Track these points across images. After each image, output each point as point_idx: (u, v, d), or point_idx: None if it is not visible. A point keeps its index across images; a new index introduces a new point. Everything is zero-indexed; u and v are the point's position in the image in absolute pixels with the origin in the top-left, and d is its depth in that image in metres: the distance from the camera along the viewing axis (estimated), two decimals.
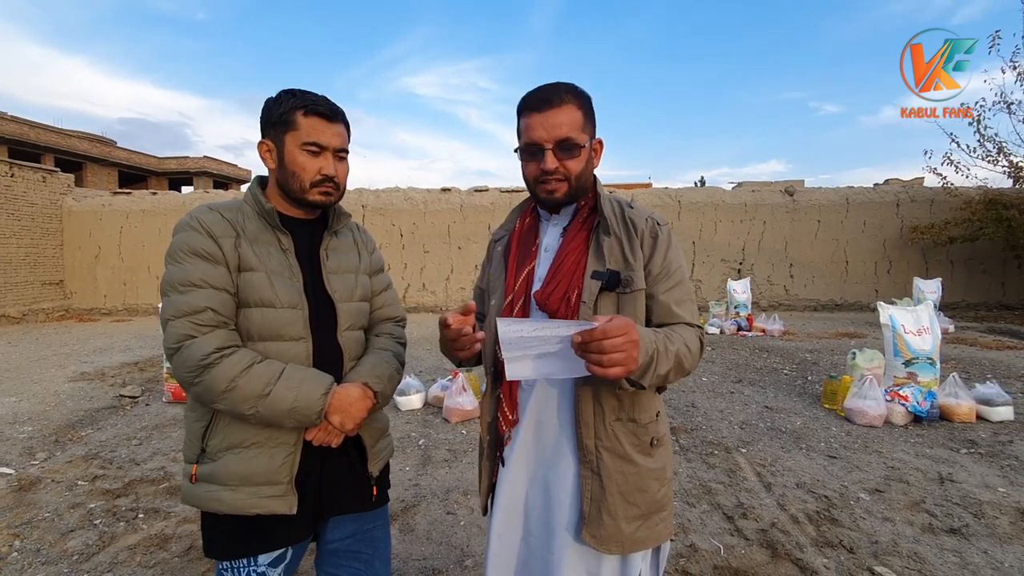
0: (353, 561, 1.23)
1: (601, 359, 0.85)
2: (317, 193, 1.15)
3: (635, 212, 1.14)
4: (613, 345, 0.84)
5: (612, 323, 0.85)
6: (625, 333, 0.86)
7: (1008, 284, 10.98)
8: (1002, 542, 2.36)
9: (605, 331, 0.84)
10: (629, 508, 1.06)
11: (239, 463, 1.08)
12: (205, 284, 1.07)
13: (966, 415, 3.96)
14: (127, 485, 3.00)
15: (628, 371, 0.88)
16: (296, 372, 1.09)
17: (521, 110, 1.11)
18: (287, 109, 1.12)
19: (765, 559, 2.24)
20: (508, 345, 0.89)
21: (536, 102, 1.08)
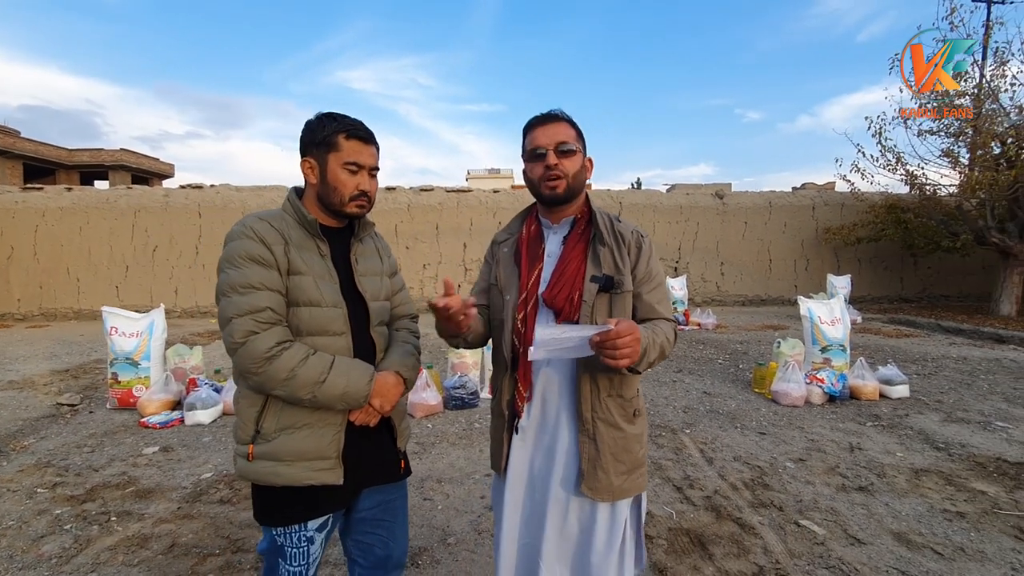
0: (377, 528, 1.40)
1: (614, 354, 1.09)
2: (354, 206, 1.31)
3: (622, 225, 1.38)
4: (623, 343, 1.09)
5: (621, 326, 1.09)
6: (631, 333, 1.11)
7: (906, 279, 12.32)
8: (899, 495, 2.82)
9: (619, 332, 1.08)
10: (618, 465, 1.30)
11: (293, 442, 1.23)
12: (263, 286, 1.21)
13: (871, 394, 4.55)
14: (90, 491, 2.95)
15: (632, 362, 1.12)
16: (344, 362, 1.25)
17: (527, 129, 1.36)
18: (331, 132, 1.27)
19: (711, 520, 2.57)
20: (541, 343, 1.11)
21: (539, 119, 1.34)
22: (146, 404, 4.28)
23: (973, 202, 9.68)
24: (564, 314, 1.29)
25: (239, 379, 1.28)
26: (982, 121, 9.01)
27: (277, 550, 1.27)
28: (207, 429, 4.00)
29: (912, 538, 2.40)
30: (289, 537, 1.26)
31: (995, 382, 5.12)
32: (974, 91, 9.36)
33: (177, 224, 11.03)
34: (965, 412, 4.20)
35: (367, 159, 1.30)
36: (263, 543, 1.32)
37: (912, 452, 3.43)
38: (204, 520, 2.62)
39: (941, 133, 9.90)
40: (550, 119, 1.33)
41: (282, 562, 1.27)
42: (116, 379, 4.52)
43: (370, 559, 1.42)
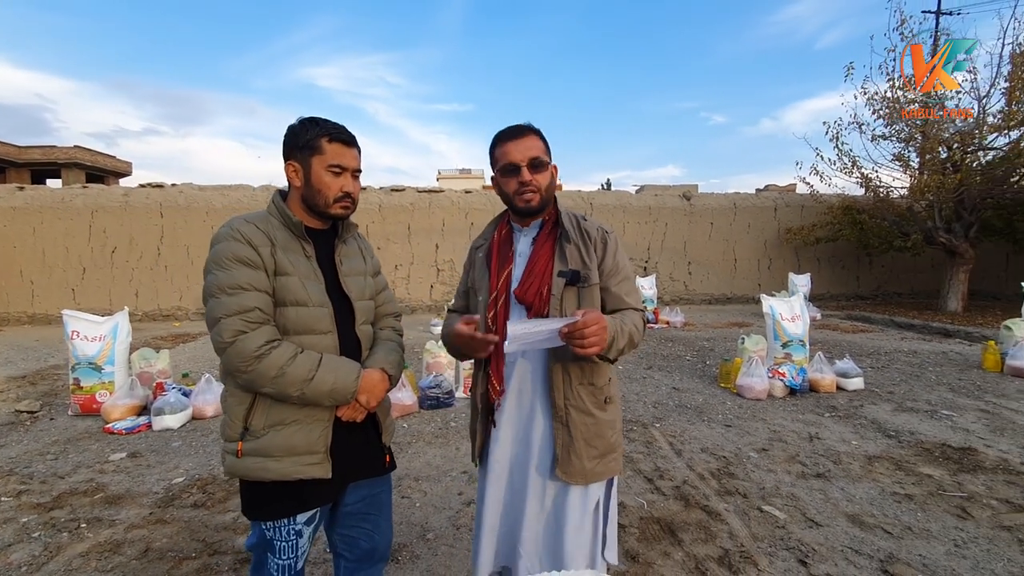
0: (363, 522, 1.45)
1: (583, 343, 1.18)
2: (339, 207, 1.35)
3: (588, 223, 1.46)
4: (591, 332, 1.17)
5: (588, 316, 1.18)
6: (598, 323, 1.18)
7: (861, 278, 12.88)
8: (854, 480, 3.00)
9: (585, 323, 1.16)
10: (591, 450, 1.38)
11: (282, 438, 1.26)
12: (251, 287, 1.24)
13: (829, 386, 4.78)
14: (57, 498, 2.88)
15: (600, 349, 1.20)
16: (331, 360, 1.29)
17: (496, 142, 1.41)
18: (314, 136, 1.31)
19: (680, 508, 2.69)
20: (514, 338, 1.18)
21: (510, 133, 1.40)
22: (110, 410, 4.17)
23: (922, 204, 10.20)
24: (535, 309, 1.36)
25: (227, 378, 1.30)
26: (929, 127, 9.51)
27: (266, 544, 1.30)
28: (176, 434, 3.93)
29: (865, 519, 2.57)
30: (278, 531, 1.29)
31: (942, 373, 5.44)
32: (922, 98, 9.86)
33: (137, 224, 10.68)
34: (914, 402, 4.46)
35: (350, 161, 1.35)
36: (252, 538, 1.35)
37: (866, 440, 3.63)
38: (178, 524, 2.60)
39: (893, 138, 10.40)
40: (521, 133, 1.39)
41: (271, 556, 1.30)
42: (78, 384, 4.39)
43: (356, 552, 1.46)
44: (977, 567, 2.17)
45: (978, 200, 9.74)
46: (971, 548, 2.31)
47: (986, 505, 2.69)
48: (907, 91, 9.83)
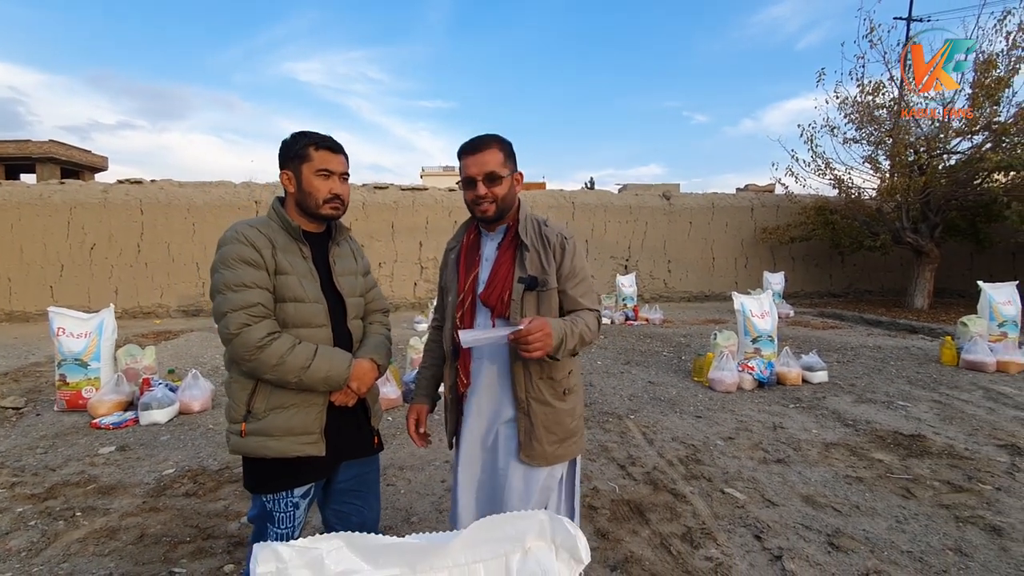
0: (354, 499, 1.59)
1: (528, 348, 1.32)
2: (328, 208, 1.49)
3: (549, 229, 1.59)
4: (534, 338, 1.32)
5: (532, 324, 1.32)
6: (541, 329, 1.33)
7: (834, 276, 13.30)
8: (811, 465, 3.22)
9: (529, 331, 1.31)
10: (550, 436, 1.53)
11: (282, 419, 1.40)
12: (254, 285, 1.38)
13: (795, 379, 5.03)
14: (50, 489, 2.96)
15: (545, 352, 1.35)
16: (326, 351, 1.43)
17: (459, 154, 1.55)
18: (302, 145, 1.46)
19: (649, 492, 2.88)
20: (466, 343, 1.36)
21: (469, 148, 1.52)
22: (97, 405, 4.23)
23: (891, 205, 10.59)
24: (497, 311, 1.51)
25: (231, 366, 1.44)
26: (896, 131, 9.89)
27: (266, 515, 1.44)
28: (164, 428, 4.01)
29: (817, 499, 2.78)
30: (277, 503, 1.43)
31: (902, 367, 5.74)
32: (890, 104, 10.24)
33: (117, 221, 10.60)
34: (873, 394, 4.73)
35: (336, 165, 1.49)
36: (253, 510, 1.48)
37: (825, 429, 3.87)
38: (171, 512, 2.71)
39: (863, 141, 10.78)
40: (479, 147, 1.50)
41: (270, 526, 1.44)
42: (64, 380, 4.43)
43: (347, 526, 1.60)
44: (915, 540, 2.39)
45: (943, 202, 10.15)
46: (911, 524, 2.53)
47: (929, 486, 2.93)
48: (875, 96, 10.20)
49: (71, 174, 26.01)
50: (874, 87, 10.15)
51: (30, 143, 25.56)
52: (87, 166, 28.25)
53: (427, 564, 0.77)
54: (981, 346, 5.52)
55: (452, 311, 1.58)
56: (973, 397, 4.59)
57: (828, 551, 2.31)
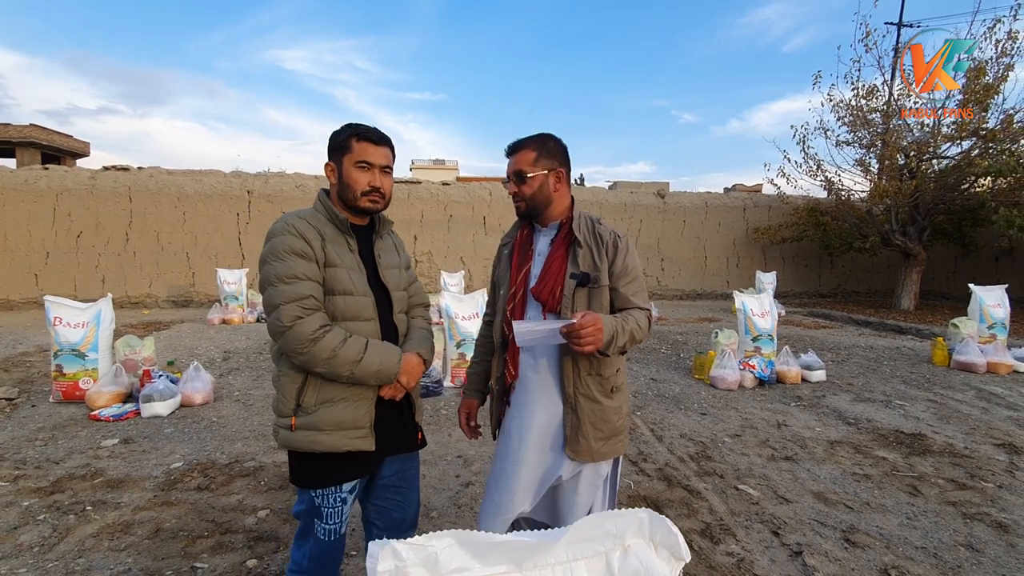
0: (395, 494, 1.58)
1: (579, 342, 1.33)
2: (367, 201, 1.47)
3: (602, 227, 1.61)
4: (586, 332, 1.33)
5: (585, 318, 1.33)
6: (593, 324, 1.34)
7: (823, 277, 13.51)
8: (818, 463, 3.28)
9: (581, 324, 1.32)
10: (597, 432, 1.54)
11: (332, 414, 1.39)
12: (306, 277, 1.36)
13: (794, 378, 5.11)
14: (56, 483, 2.90)
15: (596, 348, 1.36)
16: (377, 344, 1.42)
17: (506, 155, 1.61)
18: (345, 137, 1.45)
19: (664, 488, 2.91)
20: (519, 335, 1.35)
21: (508, 149, 1.60)
22: (95, 397, 4.15)
23: (880, 208, 10.77)
24: (548, 306, 1.52)
25: (280, 360, 1.42)
26: (889, 135, 10.04)
27: (314, 511, 1.43)
28: (167, 421, 3.95)
29: (828, 496, 2.83)
30: (326, 499, 1.42)
31: (896, 367, 5.86)
32: (883, 107, 10.40)
33: (104, 208, 10.37)
34: (871, 393, 4.82)
35: (377, 158, 1.47)
36: (300, 505, 1.46)
37: (828, 427, 3.94)
38: (185, 506, 2.67)
39: (855, 144, 10.94)
40: (512, 150, 1.58)
41: (318, 521, 1.43)
42: (61, 371, 4.34)
43: (387, 521, 1.59)
44: (927, 536, 2.45)
45: (931, 205, 10.35)
46: (921, 520, 2.59)
47: (934, 484, 3.00)
48: (869, 100, 10.35)
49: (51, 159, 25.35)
50: (867, 91, 10.30)
51: (10, 127, 24.84)
52: (68, 151, 27.55)
53: (532, 562, 0.77)
54: (972, 348, 5.66)
55: (503, 304, 1.59)
56: (967, 397, 4.70)
57: (845, 547, 2.35)
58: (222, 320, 8.44)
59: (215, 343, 6.93)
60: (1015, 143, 9.14)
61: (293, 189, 11.32)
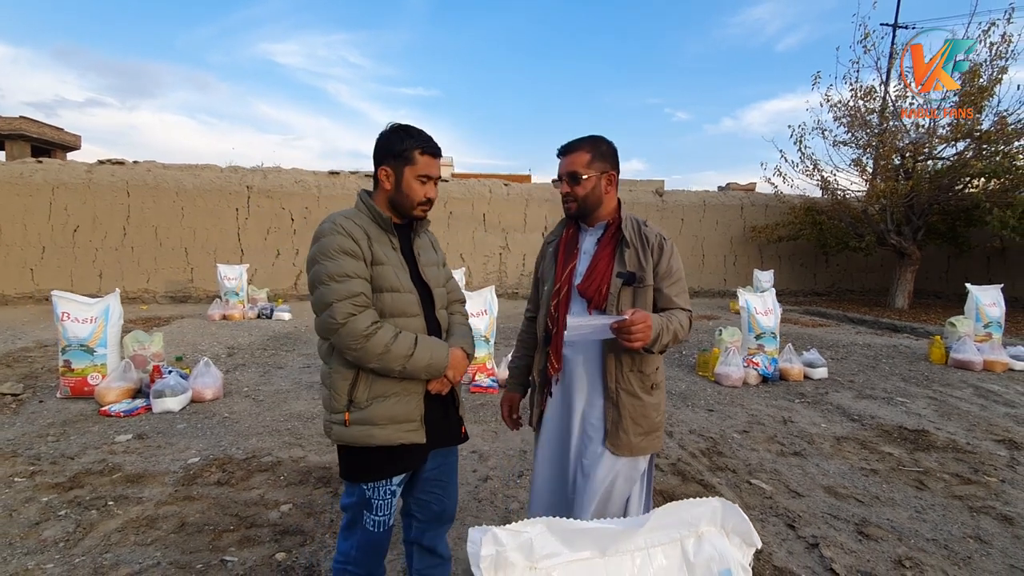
0: (435, 487, 1.62)
1: (629, 337, 1.39)
2: (420, 210, 1.53)
3: (648, 229, 1.65)
4: (636, 329, 1.38)
5: (636, 315, 1.38)
6: (643, 321, 1.39)
7: (818, 276, 13.66)
8: (826, 458, 3.35)
9: (632, 320, 1.37)
10: (636, 428, 1.58)
11: (385, 408, 1.42)
12: (356, 275, 1.39)
13: (797, 375, 5.19)
14: (74, 478, 2.91)
15: (644, 344, 1.41)
16: (426, 340, 1.45)
17: (558, 155, 1.66)
18: (409, 148, 1.47)
19: (678, 483, 2.96)
20: (571, 328, 1.40)
21: (561, 150, 1.64)
22: (105, 392, 4.14)
23: (876, 207, 10.90)
24: (594, 303, 1.57)
25: (331, 356, 1.45)
26: (886, 136, 10.16)
27: (365, 503, 1.46)
28: (179, 416, 3.95)
29: (839, 491, 2.90)
30: (377, 491, 1.45)
31: (894, 365, 5.96)
32: (879, 108, 10.51)
33: (102, 203, 10.28)
34: (872, 390, 4.91)
35: (436, 171, 1.52)
36: (349, 498, 1.49)
37: (833, 423, 4.01)
38: (207, 501, 2.69)
39: (852, 144, 11.05)
40: (568, 150, 1.63)
41: (368, 513, 1.46)
42: (69, 367, 4.32)
43: (427, 514, 1.63)
44: (936, 528, 2.52)
45: (926, 206, 10.48)
46: (930, 513, 2.66)
47: (939, 478, 3.07)
48: (867, 101, 10.46)
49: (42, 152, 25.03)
50: (865, 91, 10.41)
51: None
52: (59, 144, 27.22)
53: (615, 548, 0.80)
54: (969, 346, 5.76)
55: (547, 300, 1.64)
56: (965, 394, 4.80)
57: (859, 539, 2.42)
58: (223, 316, 8.42)
59: (217, 339, 6.92)
60: (1008, 145, 9.28)
61: (293, 184, 11.28)
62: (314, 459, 3.22)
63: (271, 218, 11.13)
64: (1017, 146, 9.25)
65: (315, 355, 6.05)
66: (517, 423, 1.84)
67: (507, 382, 1.91)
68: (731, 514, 0.85)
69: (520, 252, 12.30)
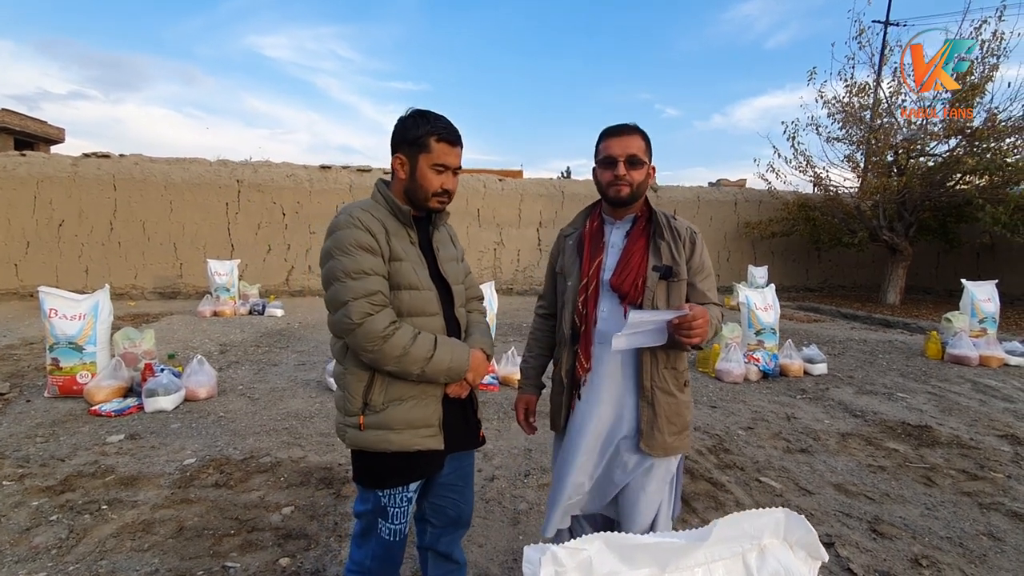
0: (452, 492, 1.55)
1: (689, 333, 1.33)
2: (436, 202, 1.44)
3: (678, 222, 1.59)
4: (698, 324, 1.32)
5: (696, 310, 1.32)
6: (703, 317, 1.33)
7: (810, 271, 13.73)
8: (833, 455, 3.32)
9: (694, 315, 1.31)
10: (671, 427, 1.53)
11: (402, 412, 1.35)
12: (373, 272, 1.31)
13: (797, 371, 5.18)
14: (65, 481, 2.80)
15: (703, 340, 1.36)
16: (446, 341, 1.38)
17: (602, 137, 1.55)
18: (424, 134, 1.38)
19: (688, 480, 2.92)
20: (630, 326, 1.31)
21: (615, 131, 1.54)
22: (95, 391, 4.03)
23: (869, 204, 10.96)
24: (629, 298, 1.50)
25: (345, 357, 1.37)
26: (880, 133, 10.20)
27: (380, 511, 1.39)
28: (172, 416, 3.85)
29: (849, 488, 2.87)
30: (393, 498, 1.38)
31: (891, 360, 5.98)
32: (872, 105, 10.54)
33: (88, 197, 10.05)
34: (872, 385, 4.91)
35: (453, 160, 1.42)
36: (363, 505, 1.42)
37: (836, 419, 4.00)
38: (205, 504, 2.60)
39: (845, 141, 11.09)
40: (625, 132, 1.52)
41: (383, 521, 1.39)
42: (57, 365, 4.19)
43: (442, 519, 1.56)
44: (949, 526, 2.50)
45: (918, 202, 10.56)
46: (940, 511, 2.65)
47: (946, 475, 3.06)
48: (860, 97, 10.49)
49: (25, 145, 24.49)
50: (859, 88, 10.44)
51: None
52: (42, 137, 26.62)
53: (675, 564, 0.75)
54: (965, 341, 5.79)
55: (573, 295, 1.56)
56: (963, 390, 4.82)
57: (873, 537, 2.39)
58: (214, 312, 8.27)
59: (209, 336, 6.79)
60: (1000, 141, 9.35)
61: (284, 178, 11.10)
62: (314, 459, 3.14)
63: (262, 212, 10.95)
64: (1008, 143, 9.32)
65: (310, 352, 5.95)
66: (534, 427, 1.77)
67: (521, 383, 1.83)
68: (796, 525, 0.80)
69: (515, 247, 12.23)
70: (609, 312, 1.54)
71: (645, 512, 1.53)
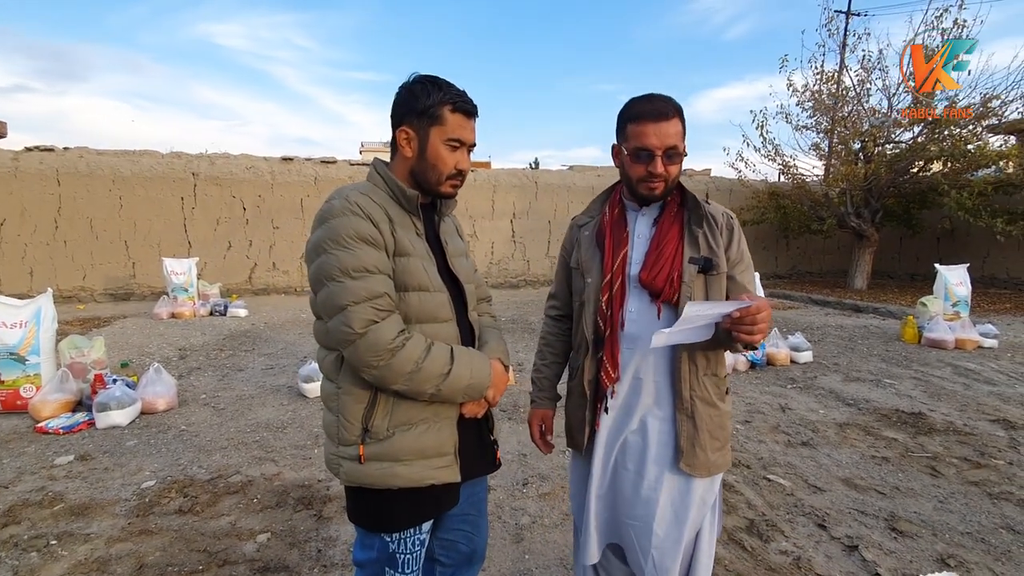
0: (464, 524, 1.33)
1: (752, 330, 1.12)
2: (449, 186, 1.20)
3: (712, 208, 1.39)
4: (762, 319, 1.12)
5: (759, 303, 1.12)
6: (767, 310, 1.13)
7: (779, 258, 13.94)
8: (835, 447, 3.24)
9: (759, 308, 1.11)
10: (714, 442, 1.34)
11: (411, 439, 1.11)
12: (377, 270, 1.07)
13: (784, 360, 5.13)
14: (8, 512, 2.46)
15: (764, 337, 1.15)
16: (463, 352, 1.15)
17: (634, 117, 1.28)
18: (435, 103, 1.14)
19: None
20: (685, 320, 1.10)
21: (652, 113, 1.26)
22: (40, 407, 3.64)
23: (836, 191, 11.13)
24: (664, 295, 1.29)
25: (342, 373, 1.13)
26: (847, 120, 10.34)
27: (388, 559, 1.15)
28: (128, 431, 3.50)
29: (857, 482, 2.78)
30: (403, 543, 1.15)
31: (871, 346, 6.02)
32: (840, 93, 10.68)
33: (30, 193, 9.30)
34: (858, 372, 4.90)
35: (469, 135, 1.19)
36: (365, 553, 1.18)
37: (830, 409, 3.94)
38: (168, 535, 2.31)
39: (813, 129, 11.22)
40: (664, 114, 1.25)
41: (391, 571, 1.16)
42: None
43: (455, 557, 1.35)
44: (966, 520, 2.42)
45: (884, 189, 10.77)
46: (953, 503, 2.57)
47: (949, 463, 3.01)
48: (829, 85, 10.60)
49: None
50: (827, 77, 10.54)
51: None
52: None
53: None
54: (941, 325, 5.88)
55: (595, 295, 1.34)
56: (945, 374, 4.85)
57: (894, 537, 2.29)
58: (171, 314, 7.76)
59: (167, 340, 6.33)
60: (961, 128, 9.58)
61: (243, 171, 10.54)
62: (291, 475, 2.87)
63: (221, 207, 10.37)
64: (968, 130, 9.56)
65: (278, 355, 5.59)
66: (551, 445, 1.55)
67: (534, 395, 1.59)
68: None
69: (488, 240, 11.97)
70: (639, 312, 1.33)
71: (688, 544, 1.35)
